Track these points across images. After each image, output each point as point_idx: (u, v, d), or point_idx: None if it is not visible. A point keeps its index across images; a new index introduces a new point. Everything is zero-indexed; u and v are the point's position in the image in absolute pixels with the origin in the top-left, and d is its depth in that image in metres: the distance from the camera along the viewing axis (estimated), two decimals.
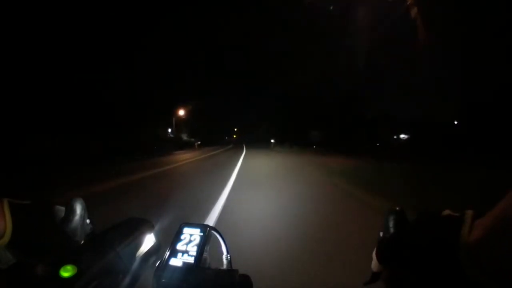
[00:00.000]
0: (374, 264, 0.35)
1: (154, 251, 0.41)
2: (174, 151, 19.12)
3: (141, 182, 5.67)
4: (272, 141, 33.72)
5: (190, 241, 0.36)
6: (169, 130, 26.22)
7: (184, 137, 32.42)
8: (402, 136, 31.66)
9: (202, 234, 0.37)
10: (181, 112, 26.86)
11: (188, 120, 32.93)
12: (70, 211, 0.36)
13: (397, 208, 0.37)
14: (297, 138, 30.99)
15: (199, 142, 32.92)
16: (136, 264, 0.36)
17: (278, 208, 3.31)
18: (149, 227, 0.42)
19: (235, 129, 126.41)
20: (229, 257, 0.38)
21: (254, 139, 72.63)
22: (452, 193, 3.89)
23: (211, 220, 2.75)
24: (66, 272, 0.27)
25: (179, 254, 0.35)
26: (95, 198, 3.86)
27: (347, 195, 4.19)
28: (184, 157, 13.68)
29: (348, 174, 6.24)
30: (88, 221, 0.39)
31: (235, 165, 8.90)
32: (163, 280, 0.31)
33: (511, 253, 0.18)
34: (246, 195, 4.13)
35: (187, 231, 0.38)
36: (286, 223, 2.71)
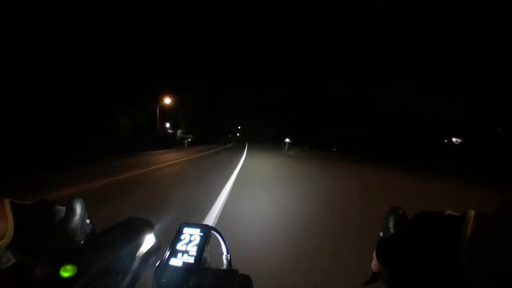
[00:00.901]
0: (374, 264, 0.35)
1: (154, 251, 0.41)
2: (148, 151, 14.23)
3: None
4: (287, 140, 24.58)
5: (190, 241, 0.36)
6: (167, 125, 24.58)
7: (180, 133, 30.18)
8: (454, 139, 26.52)
9: (202, 234, 0.37)
10: (167, 101, 21.71)
11: (186, 115, 30.66)
12: (70, 211, 0.36)
13: (397, 208, 0.36)
14: (310, 139, 27.31)
15: (189, 140, 28.88)
16: (136, 264, 0.36)
17: None
18: (149, 227, 0.42)
19: (239, 127, 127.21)
20: (229, 257, 0.38)
21: (260, 138, 68.14)
22: None
23: None
24: (66, 272, 0.27)
25: (179, 254, 0.35)
26: None
27: None
28: (148, 161, 9.16)
29: None
30: (88, 221, 0.39)
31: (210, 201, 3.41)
32: (163, 280, 0.31)
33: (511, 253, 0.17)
34: None
35: (187, 231, 0.38)
36: None
